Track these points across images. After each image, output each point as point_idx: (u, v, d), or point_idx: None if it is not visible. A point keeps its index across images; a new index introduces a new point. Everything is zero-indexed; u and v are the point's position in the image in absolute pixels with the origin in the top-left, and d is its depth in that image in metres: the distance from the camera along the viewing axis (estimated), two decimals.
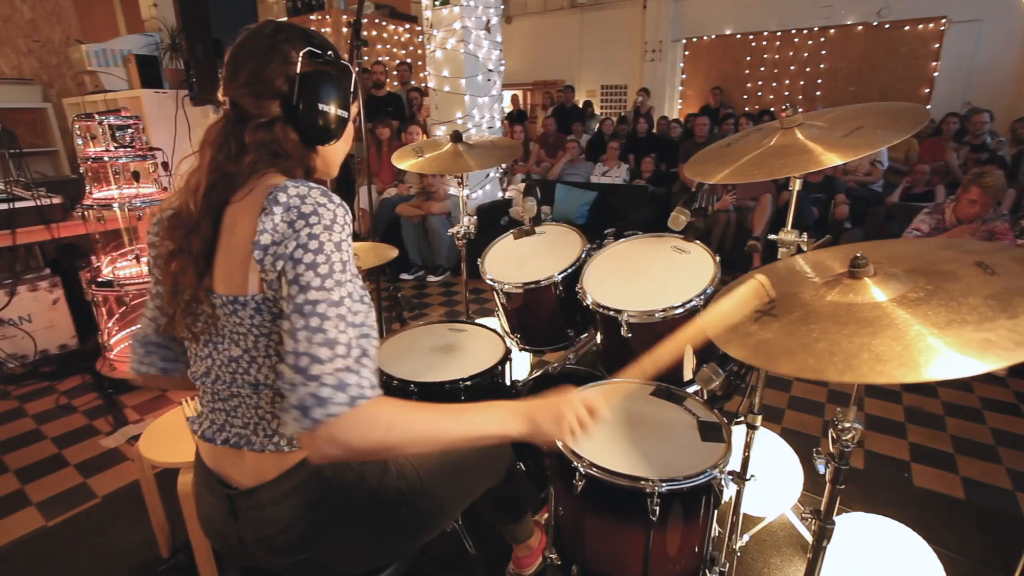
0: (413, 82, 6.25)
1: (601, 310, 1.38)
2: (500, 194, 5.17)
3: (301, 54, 0.82)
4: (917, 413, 2.49)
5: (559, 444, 1.13)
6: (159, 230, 0.86)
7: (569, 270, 1.54)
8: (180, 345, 0.92)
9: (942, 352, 0.71)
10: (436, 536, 1.42)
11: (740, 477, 1.49)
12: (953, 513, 1.86)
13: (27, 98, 4.37)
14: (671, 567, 1.12)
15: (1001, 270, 0.82)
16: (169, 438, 1.52)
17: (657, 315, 1.31)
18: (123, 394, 2.66)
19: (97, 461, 2.18)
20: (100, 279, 2.66)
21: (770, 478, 1.74)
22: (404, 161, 1.73)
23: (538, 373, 1.72)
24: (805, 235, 1.25)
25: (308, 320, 0.70)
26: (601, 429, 1.20)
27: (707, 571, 1.16)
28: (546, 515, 1.53)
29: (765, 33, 7.25)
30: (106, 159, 2.53)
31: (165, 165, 2.92)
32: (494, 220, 4.75)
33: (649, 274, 1.46)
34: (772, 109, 7.08)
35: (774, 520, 1.75)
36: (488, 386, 1.46)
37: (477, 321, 1.79)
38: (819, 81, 7.14)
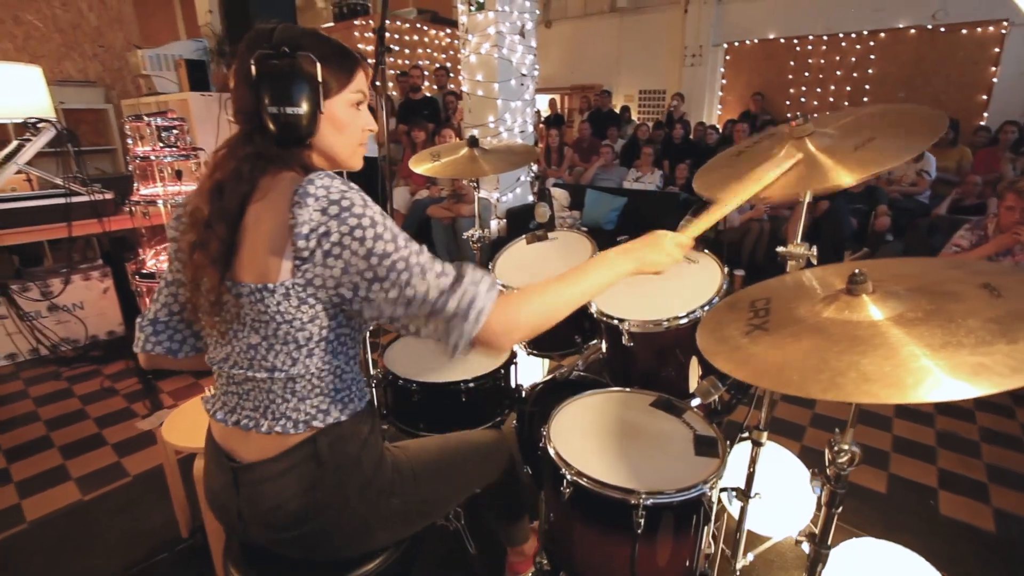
0: (451, 86, 6.35)
1: (604, 318, 1.38)
2: (531, 197, 5.19)
3: (253, 61, 0.82)
4: (950, 437, 2.37)
5: (550, 450, 1.15)
6: (178, 224, 0.92)
7: None
8: (189, 329, 0.98)
9: (932, 375, 0.70)
10: (437, 533, 1.45)
11: (744, 494, 1.46)
12: (980, 546, 1.77)
13: (91, 99, 4.68)
14: None
15: (1008, 293, 0.79)
16: (191, 424, 1.61)
17: (659, 325, 1.30)
18: (161, 380, 2.81)
19: (132, 442, 2.32)
20: (144, 271, 2.82)
21: (782, 497, 1.69)
22: (421, 165, 1.77)
23: (547, 378, 1.73)
24: (815, 248, 1.22)
25: (399, 275, 0.79)
26: (593, 438, 1.21)
27: None
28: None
29: (811, 37, 7.02)
30: (152, 158, 2.69)
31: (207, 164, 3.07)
32: (524, 223, 4.77)
33: (656, 283, 1.45)
34: (815, 116, 6.85)
35: (782, 541, 1.70)
36: (490, 389, 1.48)
37: None
38: (867, 87, 6.86)
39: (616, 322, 1.35)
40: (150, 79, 3.57)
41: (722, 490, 1.77)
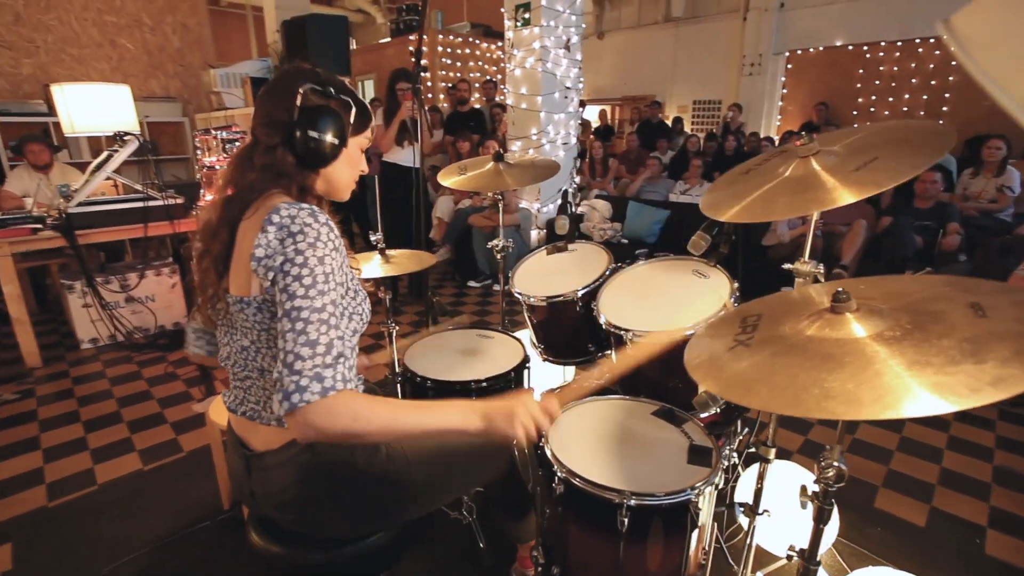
0: (499, 98, 6.51)
1: (612, 328, 1.42)
2: (573, 208, 5.23)
3: (302, 90, 0.96)
4: (1009, 475, 2.21)
5: (547, 450, 1.20)
6: (198, 231, 1.05)
7: (590, 287, 1.59)
8: (212, 328, 1.11)
9: (892, 393, 0.71)
10: (452, 527, 1.54)
11: (752, 510, 1.45)
12: None
13: (171, 114, 5.15)
14: None
15: (994, 313, 0.79)
16: None
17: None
18: (216, 368, 3.06)
19: (188, 422, 2.55)
20: None
21: (800, 518, 1.66)
22: (449, 178, 1.87)
23: (562, 385, 1.78)
24: (822, 266, 1.21)
25: (294, 324, 0.83)
26: (590, 441, 1.25)
27: None
28: None
29: (883, 43, 6.69)
30: (217, 167, 2.95)
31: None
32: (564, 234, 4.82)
33: (665, 296, 1.48)
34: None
35: (795, 563, 1.66)
36: (500, 390, 1.55)
37: (503, 330, 1.89)
38: (947, 95, 6.45)
39: (622, 332, 1.39)
40: (220, 95, 3.91)
41: (730, 505, 1.76)
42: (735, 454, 1.83)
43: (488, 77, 7.77)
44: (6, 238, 2.88)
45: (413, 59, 2.19)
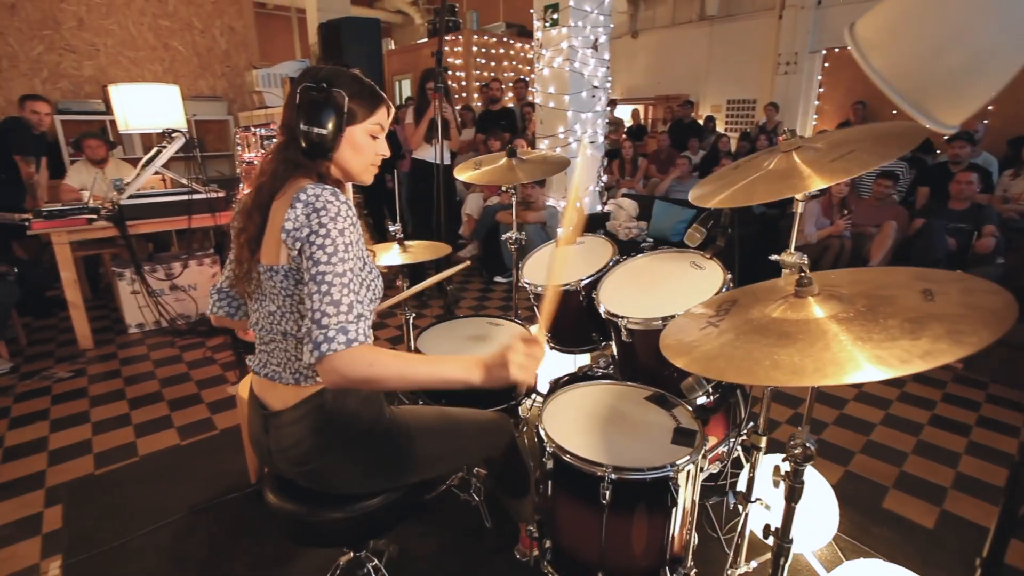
0: (531, 98, 6.58)
1: (609, 316, 1.48)
2: (599, 207, 5.26)
3: (299, 88, 1.06)
4: None
5: (539, 428, 1.27)
6: (235, 215, 1.17)
7: (593, 277, 1.65)
8: (242, 297, 1.23)
9: (833, 364, 0.77)
10: (461, 507, 1.62)
11: (745, 498, 1.48)
12: None
13: (216, 112, 5.43)
14: (626, 556, 1.19)
15: (942, 299, 0.83)
16: None
17: (655, 323, 1.38)
18: (250, 353, 3.24)
19: (222, 403, 2.72)
20: None
21: (799, 513, 1.67)
22: (464, 173, 1.96)
23: (569, 373, 1.85)
24: (806, 258, 1.24)
25: (319, 286, 0.94)
26: (582, 421, 1.32)
27: (668, 570, 1.21)
28: None
29: None
30: (255, 162, 3.13)
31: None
32: (589, 231, 4.85)
33: (661, 286, 1.53)
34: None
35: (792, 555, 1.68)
36: None
37: (513, 318, 1.96)
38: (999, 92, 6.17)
39: (617, 319, 1.44)
40: (261, 94, 4.12)
41: (722, 492, 1.78)
42: (738, 447, 1.86)
43: (521, 77, 7.85)
44: (64, 227, 3.13)
45: (434, 56, 2.28)
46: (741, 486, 1.85)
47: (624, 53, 9.58)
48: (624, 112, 9.36)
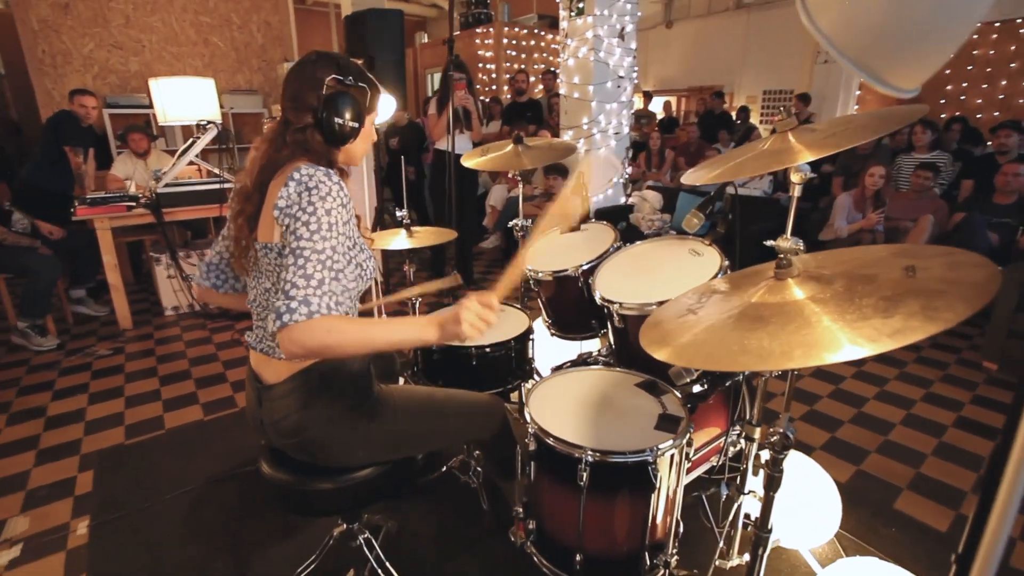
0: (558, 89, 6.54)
1: (604, 302, 1.48)
2: (623, 199, 5.20)
3: (328, 79, 1.10)
4: None
5: (525, 411, 1.29)
6: (233, 195, 1.22)
7: (592, 263, 1.65)
8: (230, 271, 1.29)
9: (801, 347, 0.76)
10: (461, 489, 1.66)
11: (738, 489, 1.47)
12: None
13: (252, 105, 5.62)
14: (605, 540, 1.20)
15: (924, 274, 0.81)
16: None
17: (648, 309, 1.37)
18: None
19: (245, 382, 2.84)
20: None
21: (798, 508, 1.64)
22: (471, 160, 1.98)
23: (571, 359, 1.86)
24: (802, 243, 1.21)
25: (296, 260, 0.98)
26: (569, 404, 1.33)
27: (648, 556, 1.21)
28: None
29: (979, 25, 6.08)
30: None
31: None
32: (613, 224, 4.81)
33: (657, 273, 1.51)
34: (980, 116, 5.94)
35: (789, 551, 1.65)
36: (501, 358, 1.65)
37: (516, 305, 1.98)
38: None
39: (610, 305, 1.44)
40: None
41: (714, 481, 1.76)
42: (742, 439, 1.83)
43: (550, 68, 7.81)
44: (105, 214, 3.31)
45: (444, 43, 2.31)
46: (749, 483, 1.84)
47: (658, 44, 9.40)
48: (656, 104, 9.19)
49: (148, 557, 1.72)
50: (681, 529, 1.32)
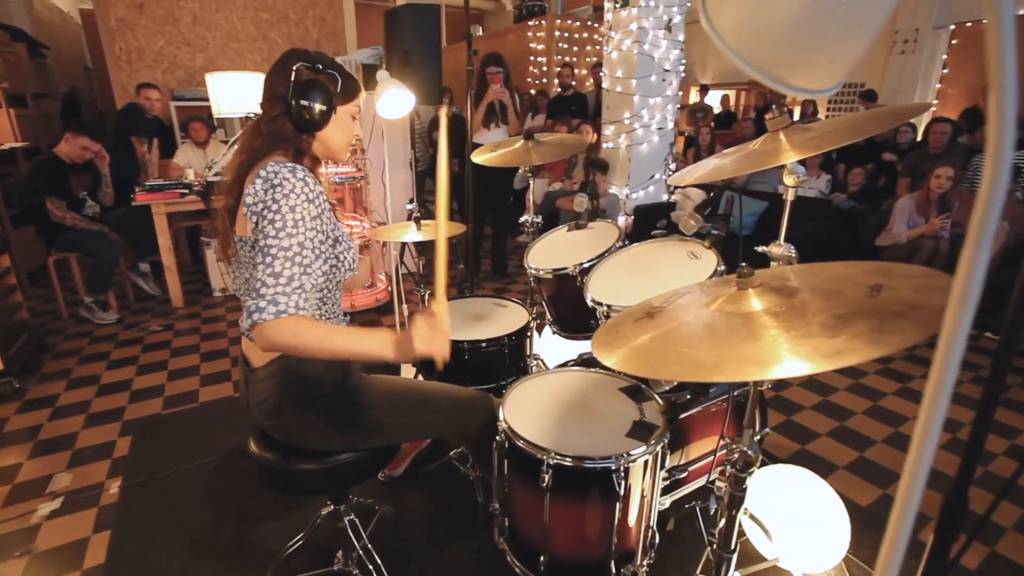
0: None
1: (594, 304, 1.45)
2: (665, 196, 5.04)
3: (296, 66, 1.13)
4: None
5: (500, 410, 1.29)
6: (217, 188, 1.28)
7: (590, 263, 1.62)
8: (227, 265, 1.35)
9: (733, 361, 0.72)
10: (460, 480, 1.68)
11: (730, 506, 1.40)
12: None
13: None
14: (569, 543, 1.18)
15: (889, 294, 0.75)
16: None
17: None
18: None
19: None
20: None
21: (800, 529, 1.55)
22: (481, 155, 1.98)
23: (575, 358, 1.83)
24: (793, 249, 1.14)
25: (264, 258, 1.03)
26: (545, 405, 1.31)
27: (615, 565, 1.18)
28: None
29: None
30: None
31: (363, 151, 3.71)
32: (651, 222, 4.67)
33: (653, 275, 1.46)
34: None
35: (785, 572, 1.56)
36: (494, 354, 1.65)
37: (519, 301, 1.97)
38: None
39: (597, 306, 1.41)
40: None
41: (710, 499, 1.68)
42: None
43: (601, 61, 7.67)
44: (161, 200, 3.56)
45: (464, 38, 2.31)
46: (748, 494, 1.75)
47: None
48: (713, 98, 8.82)
49: (166, 518, 1.85)
50: (657, 540, 1.28)
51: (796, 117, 7.01)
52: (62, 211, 3.40)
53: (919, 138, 5.43)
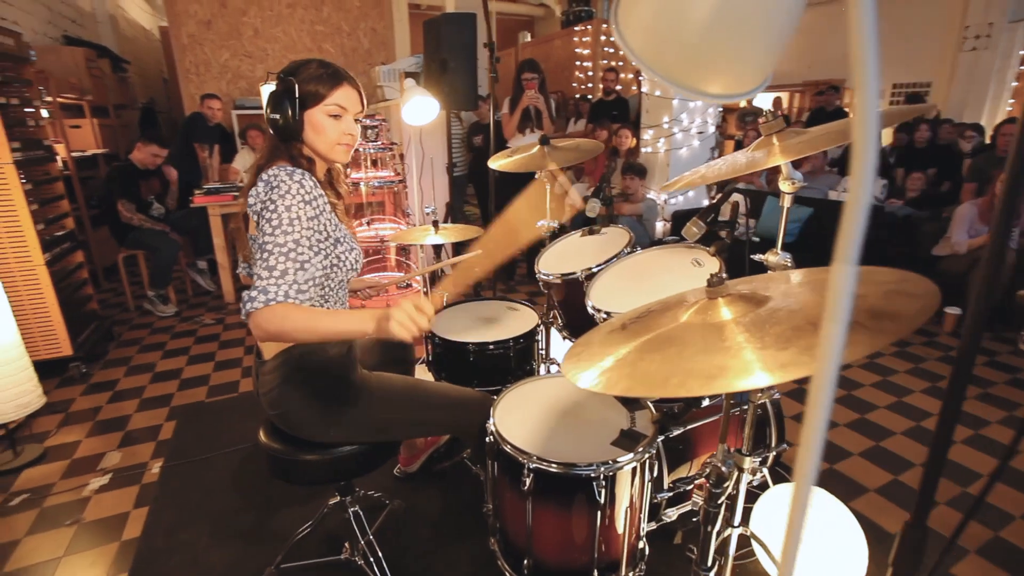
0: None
1: (593, 310, 1.45)
2: (705, 201, 4.91)
3: (276, 83, 1.21)
4: None
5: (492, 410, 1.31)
6: (241, 193, 1.38)
7: (598, 268, 1.62)
8: (248, 264, 1.45)
9: (678, 375, 0.72)
10: (470, 479, 1.72)
11: (727, 521, 1.37)
12: None
13: None
14: (551, 548, 1.19)
15: (857, 302, 0.72)
16: None
17: None
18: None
19: None
20: None
21: (812, 554, 1.48)
22: (497, 160, 2.02)
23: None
24: (790, 257, 1.10)
25: (262, 253, 1.11)
26: (537, 409, 1.32)
27: (598, 573, 1.17)
28: None
29: None
30: (360, 149, 3.50)
31: (401, 156, 3.84)
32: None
33: (655, 282, 1.45)
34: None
35: None
36: (499, 357, 1.68)
37: (530, 304, 1.99)
38: None
39: (597, 312, 1.41)
40: (382, 88, 4.55)
41: (701, 512, 1.63)
42: (764, 470, 1.70)
43: None
44: (216, 202, 3.82)
45: (488, 47, 2.36)
46: (755, 512, 1.69)
47: None
48: (763, 100, 8.50)
49: (198, 499, 1.99)
50: (647, 551, 1.27)
51: None
52: (130, 212, 3.72)
53: (987, 141, 5.03)
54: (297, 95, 1.20)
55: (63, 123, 4.23)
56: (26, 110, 2.86)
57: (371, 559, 1.55)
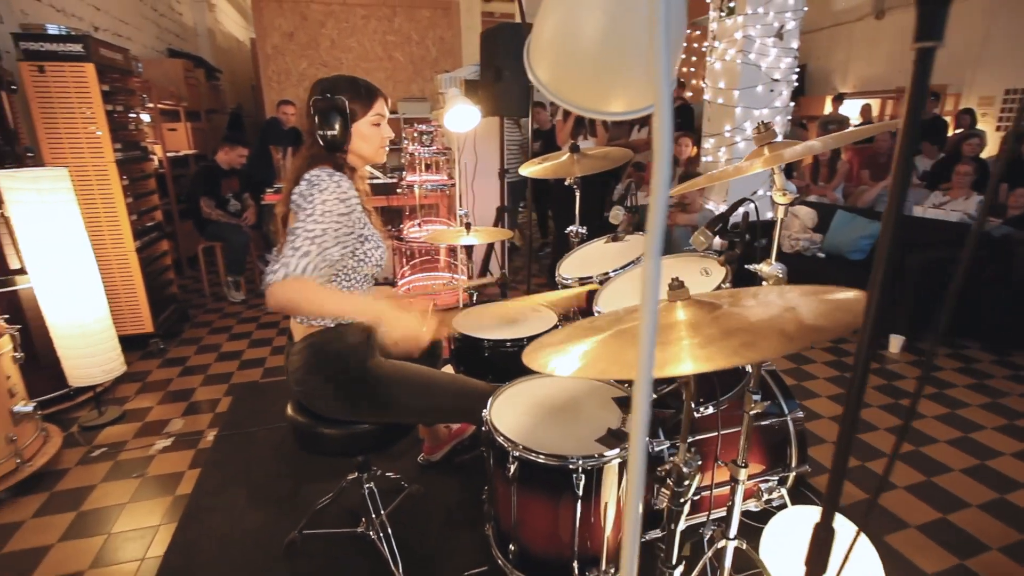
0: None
1: (596, 315, 1.47)
2: (770, 214, 4.70)
3: (312, 100, 1.34)
4: None
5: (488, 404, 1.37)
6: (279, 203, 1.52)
7: (615, 272, 1.64)
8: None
9: (602, 362, 0.76)
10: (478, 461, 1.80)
11: (722, 532, 1.34)
12: None
13: (420, 111, 6.37)
14: (534, 537, 1.22)
15: (791, 314, 0.73)
16: None
17: None
18: None
19: None
20: (401, 236, 3.89)
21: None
22: (529, 168, 2.07)
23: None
24: (784, 268, 1.08)
25: (292, 237, 1.23)
26: (533, 402, 1.36)
27: (578, 566, 1.19)
28: None
29: None
30: (415, 154, 3.68)
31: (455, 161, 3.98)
32: (750, 240, 4.38)
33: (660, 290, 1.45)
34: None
35: None
36: (514, 354, 1.73)
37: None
38: None
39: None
40: (444, 94, 4.74)
41: (707, 523, 1.58)
42: (783, 490, 1.65)
43: None
44: (272, 201, 4.13)
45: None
46: (769, 530, 1.63)
47: (863, 38, 8.15)
48: (850, 108, 7.97)
49: (241, 467, 2.19)
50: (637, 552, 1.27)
51: (956, 131, 6.13)
52: (210, 208, 4.11)
53: None
54: (347, 111, 1.33)
55: (162, 127, 4.74)
56: (129, 115, 3.25)
57: (382, 535, 1.65)
